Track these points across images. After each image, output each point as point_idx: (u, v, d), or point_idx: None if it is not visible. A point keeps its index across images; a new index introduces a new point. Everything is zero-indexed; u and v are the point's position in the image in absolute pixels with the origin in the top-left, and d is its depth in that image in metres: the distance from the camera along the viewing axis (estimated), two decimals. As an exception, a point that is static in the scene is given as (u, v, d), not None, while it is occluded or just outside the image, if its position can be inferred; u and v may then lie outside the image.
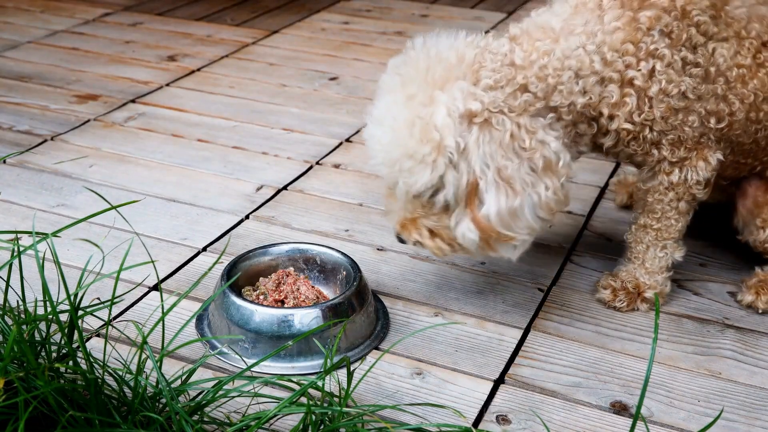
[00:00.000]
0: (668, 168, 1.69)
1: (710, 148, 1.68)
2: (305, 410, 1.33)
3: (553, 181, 1.52)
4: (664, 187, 1.71)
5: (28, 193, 2.29)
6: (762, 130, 1.71)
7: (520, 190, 1.50)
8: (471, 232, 1.54)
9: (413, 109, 1.49)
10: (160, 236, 2.10)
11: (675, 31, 1.56)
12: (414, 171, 1.51)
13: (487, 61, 1.53)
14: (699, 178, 1.70)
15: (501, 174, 1.49)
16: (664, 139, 1.63)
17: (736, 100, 1.64)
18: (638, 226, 1.80)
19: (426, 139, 1.48)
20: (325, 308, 1.66)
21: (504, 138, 1.49)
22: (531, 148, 1.50)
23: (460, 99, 1.48)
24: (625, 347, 1.74)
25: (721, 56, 1.61)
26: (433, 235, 1.63)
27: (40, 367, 1.28)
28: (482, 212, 1.51)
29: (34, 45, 3.47)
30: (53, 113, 2.81)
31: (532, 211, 1.52)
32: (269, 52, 3.45)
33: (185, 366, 1.50)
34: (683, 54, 1.56)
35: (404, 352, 1.70)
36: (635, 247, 1.82)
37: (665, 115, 1.59)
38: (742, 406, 1.59)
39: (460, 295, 1.89)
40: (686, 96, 1.59)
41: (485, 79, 1.51)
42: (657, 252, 1.79)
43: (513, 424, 1.53)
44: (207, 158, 2.52)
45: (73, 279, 1.58)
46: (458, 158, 1.49)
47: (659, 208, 1.74)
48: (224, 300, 1.69)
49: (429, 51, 1.55)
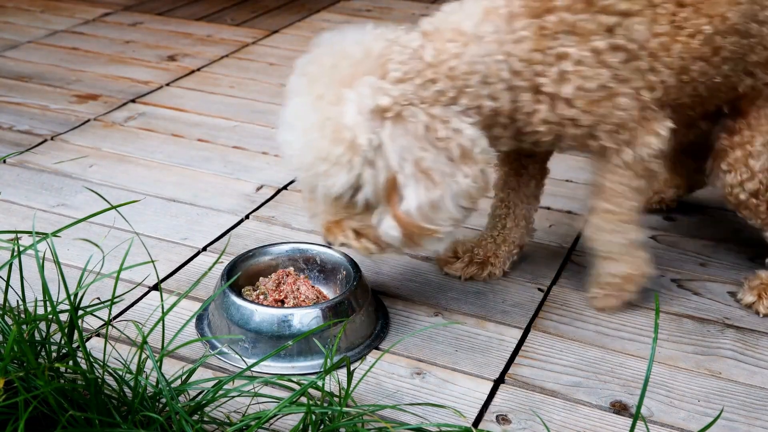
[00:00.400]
0: (618, 150, 1.64)
1: (657, 120, 1.64)
2: (305, 410, 1.33)
3: (472, 168, 1.49)
4: (620, 167, 1.66)
5: (28, 193, 2.29)
6: (700, 85, 1.67)
7: (440, 181, 1.47)
8: (393, 230, 1.51)
9: (322, 110, 1.46)
10: (160, 236, 2.10)
11: (581, 24, 1.53)
12: (330, 173, 1.47)
13: (394, 54, 1.49)
14: (654, 152, 1.65)
15: (419, 166, 1.46)
16: (598, 130, 1.60)
17: (663, 68, 1.61)
18: (597, 212, 1.74)
19: (338, 139, 1.45)
20: (325, 308, 1.66)
21: (418, 130, 1.46)
22: (446, 137, 1.47)
23: (369, 95, 1.45)
24: (625, 347, 1.74)
25: (638, 31, 1.57)
26: (359, 236, 1.60)
27: (40, 367, 1.28)
28: (403, 208, 1.48)
29: (34, 45, 3.47)
30: (53, 113, 2.81)
31: (454, 201, 1.49)
32: (269, 52, 3.45)
33: (185, 366, 1.50)
34: (594, 44, 1.53)
35: (404, 352, 1.70)
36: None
37: (587, 110, 1.56)
38: (742, 406, 1.59)
39: (460, 295, 1.89)
40: (606, 86, 1.56)
41: (393, 72, 1.47)
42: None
43: (513, 424, 1.53)
44: (207, 158, 2.52)
45: (73, 279, 1.58)
46: (374, 155, 1.45)
47: (615, 188, 1.68)
48: (224, 300, 1.69)
49: (334, 48, 1.52)
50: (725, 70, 1.68)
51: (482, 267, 1.93)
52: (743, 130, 1.76)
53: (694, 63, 1.64)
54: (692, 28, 1.61)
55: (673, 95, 1.66)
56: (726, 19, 1.62)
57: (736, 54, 1.67)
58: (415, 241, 1.55)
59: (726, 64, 1.67)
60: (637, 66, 1.59)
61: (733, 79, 1.72)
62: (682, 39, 1.61)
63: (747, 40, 1.67)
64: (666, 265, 2.02)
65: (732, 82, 1.73)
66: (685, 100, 1.70)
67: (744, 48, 1.67)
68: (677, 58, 1.61)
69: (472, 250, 1.94)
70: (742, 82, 1.73)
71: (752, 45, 1.68)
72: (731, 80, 1.72)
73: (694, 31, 1.61)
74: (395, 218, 1.50)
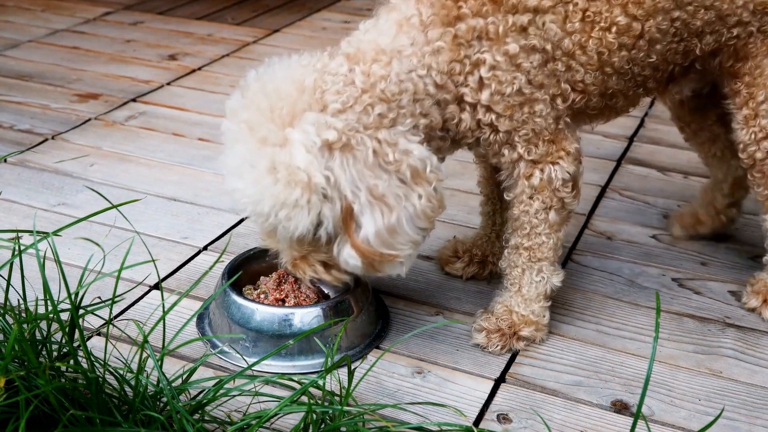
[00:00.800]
0: (527, 170, 1.62)
1: (567, 137, 1.62)
2: (306, 409, 1.33)
3: (425, 188, 1.49)
4: (527, 195, 1.64)
5: (29, 192, 2.29)
6: (634, 68, 1.64)
7: (394, 205, 1.47)
8: (353, 258, 1.51)
9: (269, 154, 1.45)
10: (160, 235, 2.10)
11: (492, 28, 1.51)
12: (291, 217, 1.46)
13: (328, 84, 1.48)
14: (564, 176, 1.62)
15: (373, 193, 1.46)
16: (516, 136, 1.58)
17: (580, 67, 1.58)
18: (510, 248, 1.72)
19: (293, 182, 1.44)
20: (326, 307, 1.66)
21: (368, 157, 1.45)
22: (396, 160, 1.47)
23: (314, 132, 1.44)
24: (626, 346, 1.74)
25: (552, 30, 1.54)
26: (328, 267, 1.60)
27: (41, 366, 1.29)
28: (361, 236, 1.48)
29: (35, 44, 3.47)
30: (54, 112, 2.81)
31: (411, 223, 1.49)
32: (270, 51, 3.44)
33: (186, 365, 1.50)
34: (507, 47, 1.51)
35: (405, 351, 1.70)
36: (510, 273, 1.73)
37: (505, 114, 1.55)
38: (743, 405, 1.59)
39: (460, 295, 1.89)
40: (522, 91, 1.54)
41: (332, 103, 1.47)
42: (533, 276, 1.70)
43: (514, 423, 1.53)
44: (208, 157, 2.52)
45: (74, 278, 1.58)
46: (330, 190, 1.45)
47: (527, 221, 1.66)
48: (225, 299, 1.69)
49: (266, 87, 1.50)
50: (660, 48, 1.64)
51: (482, 266, 1.93)
52: (742, 90, 1.73)
53: (615, 55, 1.59)
54: (605, 21, 1.57)
55: (599, 89, 1.63)
56: (642, 3, 1.58)
57: (669, 29, 1.63)
58: (376, 268, 1.54)
59: (658, 43, 1.63)
60: (554, 69, 1.56)
61: (682, 46, 1.67)
62: (596, 34, 1.57)
63: (680, 12, 1.62)
64: (667, 264, 2.02)
65: (684, 47, 1.68)
66: (616, 87, 1.65)
67: (679, 20, 1.63)
68: (594, 54, 1.58)
69: (471, 249, 1.94)
70: (697, 45, 1.68)
71: (691, 12, 1.63)
72: (679, 49, 1.67)
73: (609, 24, 1.57)
74: (354, 247, 1.50)
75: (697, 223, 2.08)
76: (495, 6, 1.51)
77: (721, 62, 1.73)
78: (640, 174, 2.48)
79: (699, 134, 1.97)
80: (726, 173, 1.99)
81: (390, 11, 1.56)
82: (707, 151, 1.99)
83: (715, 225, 2.06)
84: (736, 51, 1.71)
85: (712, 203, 2.05)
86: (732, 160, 1.96)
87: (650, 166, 2.53)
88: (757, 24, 1.68)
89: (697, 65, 1.74)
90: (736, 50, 1.71)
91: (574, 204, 1.68)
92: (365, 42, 1.53)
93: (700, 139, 1.98)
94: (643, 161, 2.56)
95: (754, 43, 1.69)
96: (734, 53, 1.71)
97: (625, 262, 2.03)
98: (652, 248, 2.09)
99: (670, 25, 1.62)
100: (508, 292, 1.74)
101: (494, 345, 1.70)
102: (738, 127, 1.75)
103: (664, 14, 1.60)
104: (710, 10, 1.64)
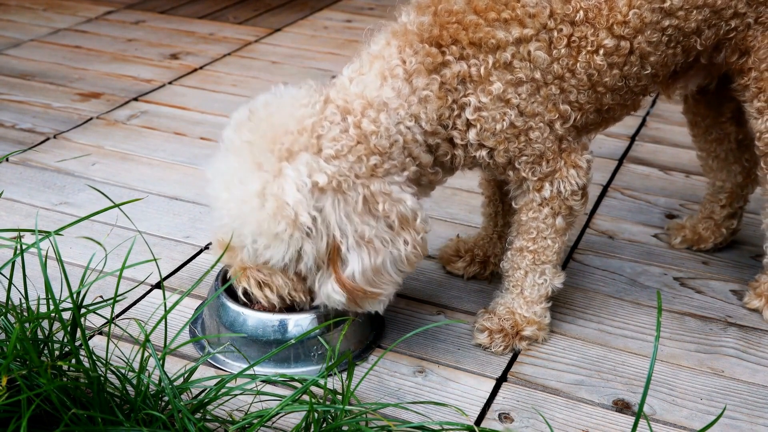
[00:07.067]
0: (537, 184, 1.64)
1: (576, 151, 1.64)
2: (308, 408, 1.34)
3: (413, 235, 1.53)
4: (537, 203, 1.66)
5: (31, 191, 2.29)
6: (621, 89, 1.65)
7: (381, 248, 1.51)
8: (336, 294, 1.53)
9: (262, 178, 1.47)
10: (162, 234, 2.10)
11: (475, 70, 1.53)
12: (270, 246, 1.49)
13: (325, 129, 1.51)
14: (574, 188, 1.65)
15: (360, 237, 1.49)
16: (516, 162, 1.61)
17: (573, 89, 1.59)
18: (514, 250, 1.73)
19: (280, 215, 1.46)
20: (320, 314, 1.64)
21: (357, 203, 1.49)
22: (385, 210, 1.50)
23: (306, 173, 1.47)
24: (628, 345, 1.74)
25: (540, 57, 1.55)
26: (263, 287, 1.61)
27: (43, 365, 1.29)
28: (347, 272, 1.51)
29: (37, 43, 3.47)
30: (56, 111, 2.81)
31: (394, 266, 1.54)
32: (271, 50, 3.45)
33: (187, 364, 1.50)
34: (491, 87, 1.53)
35: (407, 351, 1.70)
36: (513, 274, 1.74)
37: (499, 148, 1.57)
38: (744, 404, 1.59)
39: (462, 294, 1.89)
40: (514, 125, 1.56)
41: (327, 149, 1.49)
42: (536, 278, 1.72)
43: (515, 422, 1.53)
44: (209, 156, 2.50)
45: (76, 277, 1.58)
46: (314, 230, 1.48)
47: (534, 226, 1.68)
48: (218, 305, 1.67)
49: (273, 119, 1.52)
50: (655, 59, 1.64)
51: (484, 266, 1.93)
52: (750, 85, 1.73)
53: (606, 75, 1.60)
54: (591, 45, 1.57)
55: (595, 107, 1.64)
56: (627, 23, 1.58)
57: (661, 39, 1.62)
58: (358, 303, 1.56)
59: (651, 56, 1.63)
60: (548, 94, 1.57)
61: (680, 48, 1.67)
62: (583, 58, 1.57)
63: (670, 20, 1.61)
64: (668, 264, 2.02)
65: (684, 47, 1.67)
66: (612, 102, 1.66)
67: (671, 27, 1.62)
68: (585, 77, 1.59)
69: (473, 249, 1.94)
70: (697, 41, 1.67)
71: (683, 17, 1.62)
72: (678, 51, 1.67)
73: (595, 47, 1.57)
74: (338, 282, 1.52)
75: (699, 240, 2.07)
76: (476, 48, 1.53)
77: (726, 58, 1.74)
78: (642, 173, 2.48)
79: (710, 131, 1.96)
80: (725, 179, 1.99)
81: (373, 60, 1.57)
82: (712, 151, 1.99)
83: (717, 239, 2.06)
84: (737, 45, 1.71)
85: (710, 216, 2.05)
86: (734, 164, 1.96)
87: (652, 165, 2.53)
88: (753, 15, 1.68)
89: (702, 59, 1.74)
90: (738, 44, 1.71)
91: (582, 210, 1.70)
92: (352, 95, 1.55)
93: (709, 137, 1.98)
94: (645, 160, 2.56)
95: (754, 35, 1.70)
96: (736, 47, 1.72)
97: (627, 261, 2.03)
98: (653, 247, 2.09)
99: (662, 35, 1.63)
100: (510, 294, 1.74)
101: (497, 345, 1.70)
102: (753, 117, 1.76)
103: (653, 27, 1.61)
104: (703, 8, 1.64)
